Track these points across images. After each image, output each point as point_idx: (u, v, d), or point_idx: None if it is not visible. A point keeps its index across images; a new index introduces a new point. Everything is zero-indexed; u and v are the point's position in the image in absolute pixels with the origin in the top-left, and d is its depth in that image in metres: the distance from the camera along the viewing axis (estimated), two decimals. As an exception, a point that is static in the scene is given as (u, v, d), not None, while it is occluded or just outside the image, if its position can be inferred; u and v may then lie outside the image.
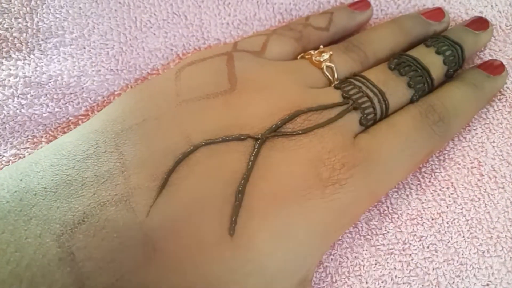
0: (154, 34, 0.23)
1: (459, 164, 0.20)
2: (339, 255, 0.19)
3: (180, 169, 0.15)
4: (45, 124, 0.20)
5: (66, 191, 0.14)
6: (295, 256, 0.15)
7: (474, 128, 0.21)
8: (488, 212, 0.20)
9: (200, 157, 0.15)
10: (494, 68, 0.21)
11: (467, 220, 0.19)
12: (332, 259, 0.19)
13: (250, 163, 0.15)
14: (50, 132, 0.20)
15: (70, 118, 0.21)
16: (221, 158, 0.15)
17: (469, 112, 0.20)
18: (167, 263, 0.14)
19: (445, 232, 0.19)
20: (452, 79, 0.21)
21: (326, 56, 0.20)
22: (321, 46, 0.21)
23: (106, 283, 0.13)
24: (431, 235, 0.19)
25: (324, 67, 0.20)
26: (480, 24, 0.22)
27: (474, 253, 0.19)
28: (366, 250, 0.19)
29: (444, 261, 0.19)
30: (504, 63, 0.22)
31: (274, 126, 0.16)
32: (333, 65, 0.20)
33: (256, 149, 0.16)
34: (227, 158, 0.15)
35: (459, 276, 0.18)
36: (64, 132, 0.20)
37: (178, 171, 0.15)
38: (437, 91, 0.20)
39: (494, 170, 0.20)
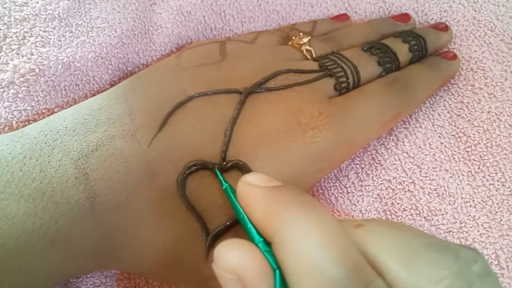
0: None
1: (507, 150, 0.22)
2: (403, 235, 0.21)
3: (177, 113, 0.18)
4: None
5: (83, 129, 0.17)
6: None
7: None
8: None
9: (194, 105, 0.18)
10: (448, 55, 0.25)
11: (517, 200, 0.21)
12: (396, 239, 0.21)
13: (236, 110, 0.18)
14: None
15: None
16: (212, 106, 0.18)
17: (428, 85, 0.24)
18: (165, 187, 0.17)
19: (496, 212, 0.21)
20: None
21: (305, 40, 0.23)
22: (301, 34, 0.24)
23: (114, 201, 0.16)
24: (483, 215, 0.21)
25: (304, 50, 0.23)
26: (442, 27, 0.27)
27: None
28: (427, 230, 0.21)
29: (499, 237, 0.21)
30: None
31: (257, 82, 0.19)
32: (311, 49, 0.23)
33: (242, 99, 0.19)
34: (217, 106, 0.18)
35: (515, 249, 0.20)
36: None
37: (175, 115, 0.18)
38: (401, 70, 0.24)
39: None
